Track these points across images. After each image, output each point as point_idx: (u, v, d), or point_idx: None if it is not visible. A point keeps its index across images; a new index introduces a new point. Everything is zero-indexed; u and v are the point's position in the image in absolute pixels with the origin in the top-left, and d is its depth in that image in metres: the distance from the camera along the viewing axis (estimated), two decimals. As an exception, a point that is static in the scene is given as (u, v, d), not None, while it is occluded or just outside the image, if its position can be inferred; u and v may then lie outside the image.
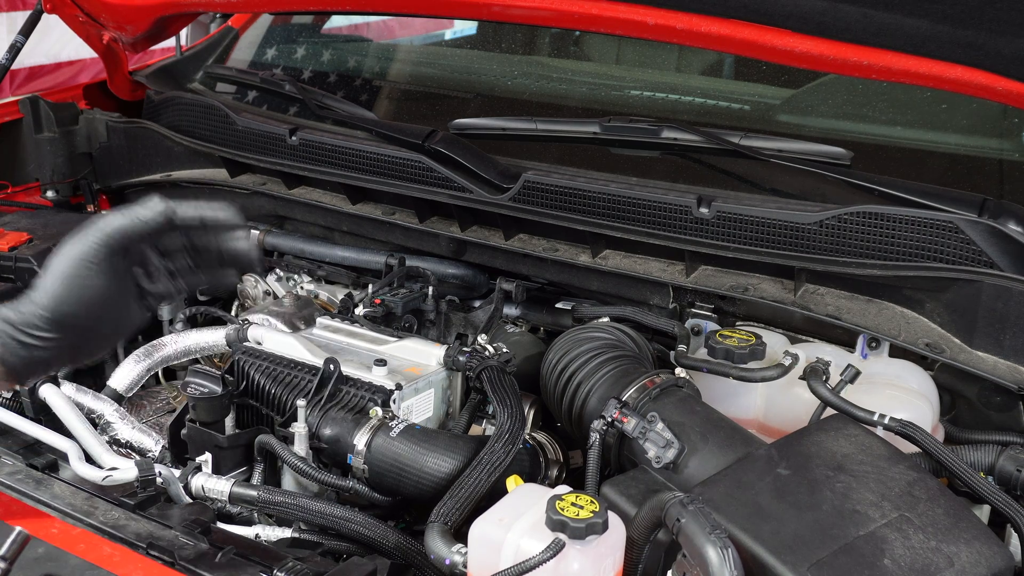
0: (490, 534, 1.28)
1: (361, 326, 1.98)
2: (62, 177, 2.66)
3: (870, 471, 1.41)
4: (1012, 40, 1.53)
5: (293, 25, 3.19)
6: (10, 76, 4.37)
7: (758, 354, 1.77)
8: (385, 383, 1.74)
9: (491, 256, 2.22)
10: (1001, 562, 1.31)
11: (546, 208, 2.07)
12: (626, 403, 1.63)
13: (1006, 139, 2.26)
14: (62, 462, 1.65)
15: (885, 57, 1.65)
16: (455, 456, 1.60)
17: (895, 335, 1.77)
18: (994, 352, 1.70)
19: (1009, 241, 1.72)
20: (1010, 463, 1.59)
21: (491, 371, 1.76)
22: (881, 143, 2.25)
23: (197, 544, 1.38)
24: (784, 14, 1.66)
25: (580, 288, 2.14)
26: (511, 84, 2.85)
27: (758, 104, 2.54)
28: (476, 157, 2.21)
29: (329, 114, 2.50)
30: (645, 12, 1.78)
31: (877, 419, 1.58)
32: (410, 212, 2.28)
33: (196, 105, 2.60)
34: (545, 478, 1.78)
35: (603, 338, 1.86)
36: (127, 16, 2.51)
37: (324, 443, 1.67)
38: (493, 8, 2.03)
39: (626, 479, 1.55)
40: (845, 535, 1.29)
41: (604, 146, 2.25)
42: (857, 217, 1.82)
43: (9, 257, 2.19)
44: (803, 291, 1.88)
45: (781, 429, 1.75)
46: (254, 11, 3.01)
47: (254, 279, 2.45)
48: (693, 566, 1.22)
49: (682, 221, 1.96)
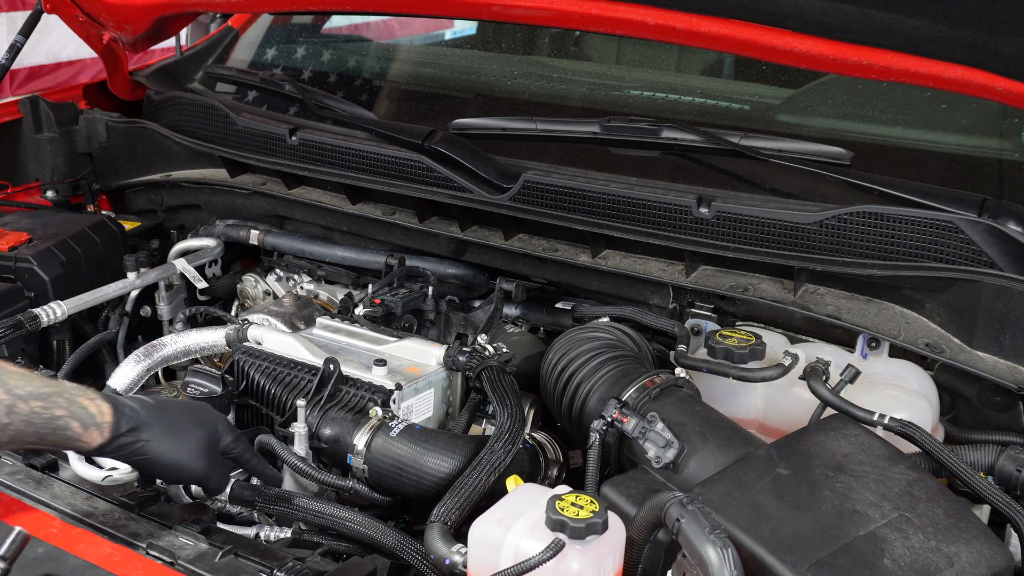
0: (490, 534, 1.28)
1: (361, 326, 1.98)
2: (62, 177, 2.66)
3: (870, 471, 1.41)
4: (1012, 40, 1.53)
5: (293, 25, 3.19)
6: (10, 76, 4.37)
7: (758, 354, 1.77)
8: (385, 383, 1.74)
9: (491, 256, 2.22)
10: (1001, 562, 1.31)
11: (546, 208, 2.07)
12: (626, 403, 1.63)
13: (1006, 139, 2.26)
14: (62, 462, 1.65)
15: (885, 57, 1.65)
16: (455, 456, 1.60)
17: (895, 335, 1.77)
18: (994, 352, 1.70)
19: (1009, 241, 1.72)
20: (1010, 463, 1.59)
21: (491, 371, 1.76)
22: (881, 143, 2.25)
23: (197, 544, 1.38)
24: (784, 14, 1.66)
25: (580, 288, 2.14)
26: (511, 84, 2.85)
27: (758, 104, 2.54)
28: (476, 157, 2.21)
29: (329, 114, 2.50)
30: (645, 12, 1.78)
31: (877, 419, 1.58)
32: (410, 212, 2.28)
33: (196, 105, 2.60)
34: (545, 478, 1.78)
35: (603, 338, 1.86)
36: (127, 16, 2.51)
37: (324, 443, 1.67)
38: (493, 8, 2.03)
39: (626, 479, 1.55)
40: (845, 535, 1.29)
41: (604, 146, 2.25)
42: (857, 217, 1.82)
43: (9, 257, 2.19)
44: (803, 291, 1.88)
45: (781, 429, 1.75)
46: (254, 11, 3.01)
47: (254, 279, 2.45)
48: (693, 566, 1.22)
49: (682, 221, 1.96)
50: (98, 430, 1.34)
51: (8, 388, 1.27)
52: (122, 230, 2.47)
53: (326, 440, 1.67)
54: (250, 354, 1.83)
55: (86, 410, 1.34)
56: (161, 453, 1.40)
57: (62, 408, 1.31)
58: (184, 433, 1.44)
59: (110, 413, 1.36)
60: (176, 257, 2.46)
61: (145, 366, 2.00)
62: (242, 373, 1.81)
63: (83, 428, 1.33)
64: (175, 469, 1.43)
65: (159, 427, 1.41)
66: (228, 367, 1.83)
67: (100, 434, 1.35)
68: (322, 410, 1.69)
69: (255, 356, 1.82)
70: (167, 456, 1.41)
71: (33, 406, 1.29)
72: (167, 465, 1.42)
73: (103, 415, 1.35)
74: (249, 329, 1.91)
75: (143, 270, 2.33)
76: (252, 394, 1.79)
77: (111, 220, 2.48)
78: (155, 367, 2.02)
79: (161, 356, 2.03)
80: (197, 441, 1.45)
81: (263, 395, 1.78)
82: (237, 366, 1.82)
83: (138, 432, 1.38)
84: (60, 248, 2.26)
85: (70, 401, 1.33)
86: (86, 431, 1.33)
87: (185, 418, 1.48)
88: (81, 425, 1.33)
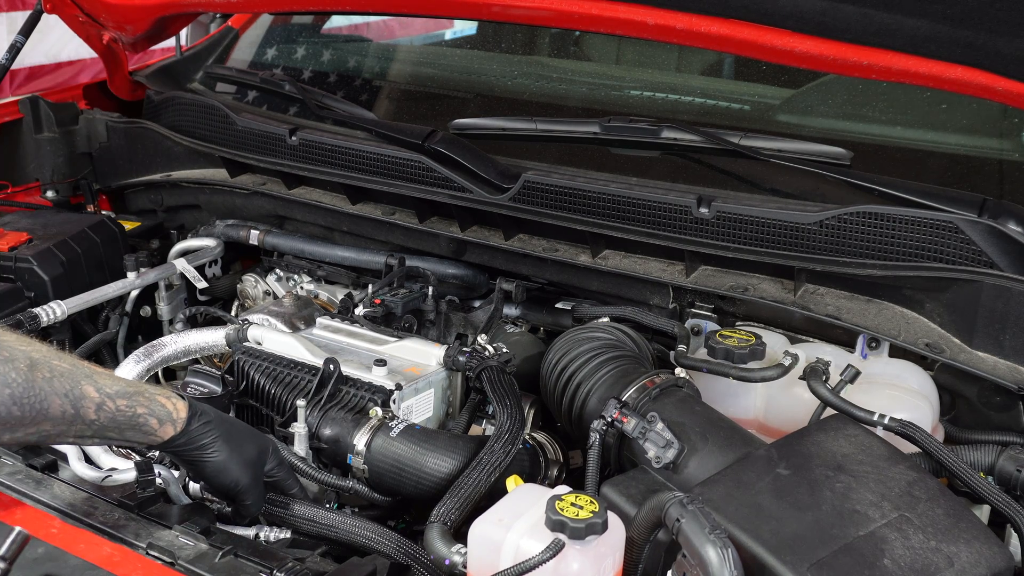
0: (490, 534, 1.28)
1: (361, 326, 1.98)
2: (62, 177, 2.66)
3: (870, 471, 1.41)
4: (1012, 40, 1.53)
5: (293, 25, 3.19)
6: (10, 76, 4.37)
7: (758, 354, 1.77)
8: (385, 383, 1.74)
9: (491, 256, 2.22)
10: (1001, 562, 1.31)
11: (546, 208, 2.07)
12: (626, 403, 1.63)
13: (1006, 139, 2.26)
14: (61, 462, 1.65)
15: (885, 57, 1.65)
16: (455, 456, 1.60)
17: (895, 335, 1.77)
18: (994, 352, 1.70)
19: (1009, 241, 1.72)
20: (1010, 463, 1.59)
21: (491, 371, 1.76)
22: (881, 143, 2.25)
23: (197, 544, 1.38)
24: (784, 14, 1.66)
25: (580, 288, 2.14)
26: (511, 84, 2.85)
27: (758, 104, 2.54)
28: (476, 157, 2.21)
29: (329, 114, 2.50)
30: (645, 12, 1.78)
31: (877, 419, 1.58)
32: (410, 212, 2.28)
33: (196, 105, 2.60)
34: (545, 478, 1.78)
35: (603, 338, 1.86)
36: (127, 16, 2.51)
37: (324, 443, 1.68)
38: (493, 8, 2.03)
39: (626, 479, 1.55)
40: (845, 535, 1.29)
41: (604, 146, 2.25)
42: (857, 217, 1.82)
43: (9, 257, 2.19)
44: (803, 291, 1.88)
45: (781, 429, 1.75)
46: (254, 11, 3.01)
47: (254, 279, 2.45)
48: (693, 566, 1.22)
49: (682, 221, 1.96)
50: (172, 425, 1.43)
51: (99, 387, 1.36)
52: (122, 230, 2.47)
53: (326, 440, 1.67)
54: (250, 354, 1.83)
55: (163, 407, 1.43)
56: (218, 455, 1.48)
57: (143, 406, 1.40)
58: (241, 443, 1.52)
59: (185, 409, 1.46)
60: (176, 257, 2.46)
61: (145, 366, 2.00)
62: (242, 373, 1.81)
63: (159, 424, 1.42)
64: (224, 474, 1.49)
65: (223, 431, 1.49)
66: (228, 367, 1.83)
67: (173, 427, 1.43)
68: (322, 410, 1.69)
69: (255, 356, 1.82)
70: (222, 459, 1.48)
71: (119, 404, 1.37)
72: (219, 467, 1.49)
73: (179, 411, 1.45)
74: (249, 329, 1.91)
75: (143, 270, 2.33)
76: (252, 394, 1.79)
77: (111, 220, 2.48)
78: (155, 367, 2.02)
79: (161, 356, 2.03)
80: (250, 454, 1.52)
81: (263, 395, 1.78)
82: (237, 366, 1.82)
83: (205, 428, 1.47)
84: (60, 248, 2.26)
85: (150, 399, 1.42)
86: (161, 426, 1.42)
87: (244, 431, 1.57)
88: (158, 421, 1.42)
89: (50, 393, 1.29)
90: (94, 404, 1.34)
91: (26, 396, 1.26)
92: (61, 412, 1.30)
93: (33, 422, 1.28)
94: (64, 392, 1.30)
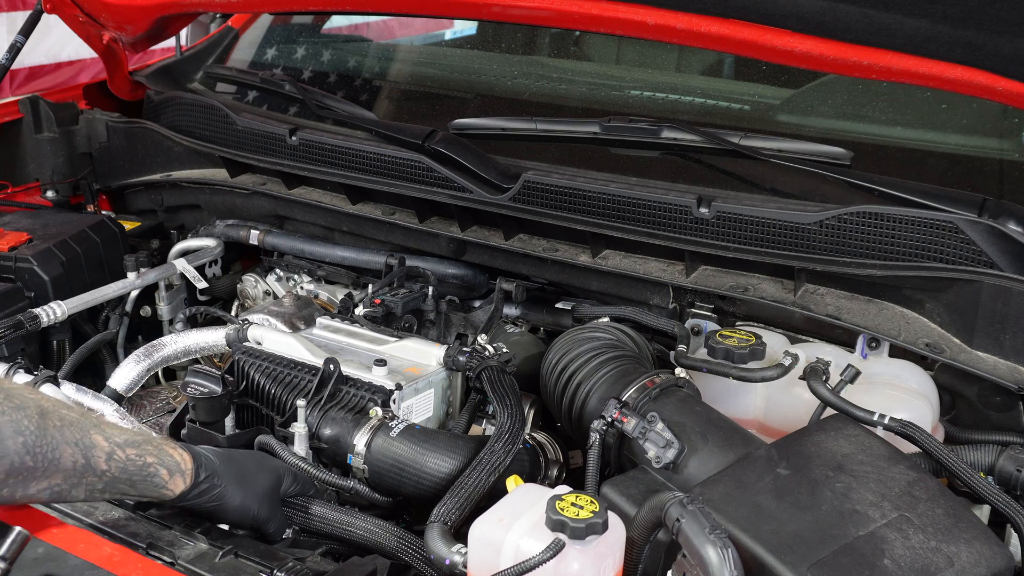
0: (490, 534, 1.28)
1: (361, 326, 1.98)
2: (62, 177, 2.66)
3: (870, 471, 1.41)
4: (1012, 40, 1.53)
5: (293, 25, 3.19)
6: (10, 76, 4.37)
7: (758, 354, 1.77)
8: (385, 383, 1.74)
9: (491, 256, 2.22)
10: (1001, 562, 1.31)
11: (546, 208, 2.07)
12: (626, 403, 1.63)
13: (1006, 139, 2.26)
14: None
15: (885, 57, 1.65)
16: (455, 456, 1.60)
17: (895, 335, 1.77)
18: (994, 352, 1.70)
19: (1009, 241, 1.72)
20: (1010, 463, 1.59)
21: (491, 371, 1.76)
22: (881, 143, 2.25)
23: (197, 544, 1.38)
24: (784, 14, 1.66)
25: (580, 288, 2.14)
26: (511, 84, 2.85)
27: (758, 104, 2.54)
28: (476, 157, 2.21)
29: (329, 114, 2.50)
30: (645, 12, 1.78)
31: (877, 419, 1.58)
32: (410, 212, 2.28)
33: (196, 105, 2.60)
34: (545, 478, 1.78)
35: (603, 338, 1.86)
36: (127, 16, 2.51)
37: (324, 443, 1.67)
38: (493, 8, 2.03)
39: (626, 479, 1.55)
40: (845, 535, 1.29)
41: (604, 146, 2.25)
42: (857, 217, 1.82)
43: (9, 257, 2.19)
44: (803, 291, 1.88)
45: (781, 429, 1.75)
46: (254, 11, 3.01)
47: (254, 279, 2.45)
48: (693, 566, 1.22)
49: (682, 221, 1.96)
50: (182, 477, 1.40)
51: (107, 436, 1.33)
52: (122, 230, 2.47)
53: (326, 440, 1.67)
54: (250, 354, 1.83)
55: (172, 457, 1.40)
56: (233, 499, 1.46)
57: (152, 455, 1.37)
58: (252, 480, 1.50)
59: (190, 460, 1.42)
60: (176, 257, 2.46)
61: (145, 366, 2.00)
62: (242, 373, 1.81)
63: (169, 475, 1.39)
64: (243, 514, 1.48)
65: (231, 474, 1.47)
66: (228, 367, 1.83)
67: (184, 480, 1.40)
68: (322, 410, 1.69)
69: (255, 356, 1.82)
70: (238, 502, 1.47)
71: (129, 453, 1.34)
72: (237, 510, 1.47)
73: (185, 462, 1.41)
74: (249, 329, 1.91)
75: (143, 270, 2.33)
76: (252, 394, 1.79)
77: (111, 220, 2.48)
78: (155, 367, 2.02)
79: (161, 356, 2.03)
80: (263, 487, 1.51)
81: (263, 395, 1.78)
82: (237, 366, 1.82)
83: (213, 479, 1.44)
84: (60, 248, 2.26)
85: (158, 448, 1.39)
86: (172, 478, 1.39)
87: (252, 464, 1.54)
88: (168, 472, 1.39)
89: (61, 442, 1.26)
90: (104, 454, 1.31)
91: (39, 445, 1.23)
92: (72, 463, 1.27)
93: (45, 474, 1.25)
94: (75, 441, 1.28)
